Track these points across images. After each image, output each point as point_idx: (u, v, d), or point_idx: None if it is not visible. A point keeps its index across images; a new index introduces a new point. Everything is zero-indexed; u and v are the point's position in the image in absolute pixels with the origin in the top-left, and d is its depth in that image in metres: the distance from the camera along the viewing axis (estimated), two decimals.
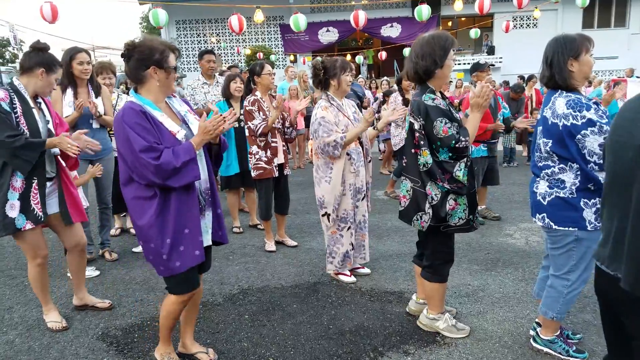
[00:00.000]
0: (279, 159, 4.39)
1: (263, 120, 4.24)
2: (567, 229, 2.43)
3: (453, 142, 2.53)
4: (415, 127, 2.64)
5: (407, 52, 3.01)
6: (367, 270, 3.87)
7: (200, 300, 3.38)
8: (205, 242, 2.43)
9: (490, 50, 20.32)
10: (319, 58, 3.74)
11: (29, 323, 3.19)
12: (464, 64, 18.06)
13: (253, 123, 4.23)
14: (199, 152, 2.33)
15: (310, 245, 4.62)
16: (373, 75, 20.35)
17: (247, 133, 4.41)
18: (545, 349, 2.66)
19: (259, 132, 4.23)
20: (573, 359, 2.59)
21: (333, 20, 21.02)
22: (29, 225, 2.88)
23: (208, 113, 4.21)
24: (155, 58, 2.26)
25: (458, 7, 12.85)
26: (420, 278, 2.94)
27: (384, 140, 8.19)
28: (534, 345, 2.71)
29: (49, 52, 3.00)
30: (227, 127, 2.29)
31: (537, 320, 2.76)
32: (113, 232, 4.93)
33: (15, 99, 2.84)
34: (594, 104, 2.30)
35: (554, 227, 2.46)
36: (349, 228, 3.64)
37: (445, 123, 2.54)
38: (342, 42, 22.79)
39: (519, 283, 3.63)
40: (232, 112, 2.36)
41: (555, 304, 2.55)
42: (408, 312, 3.17)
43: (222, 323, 3.14)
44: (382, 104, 8.12)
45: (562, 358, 2.60)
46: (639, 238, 1.37)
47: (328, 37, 21.43)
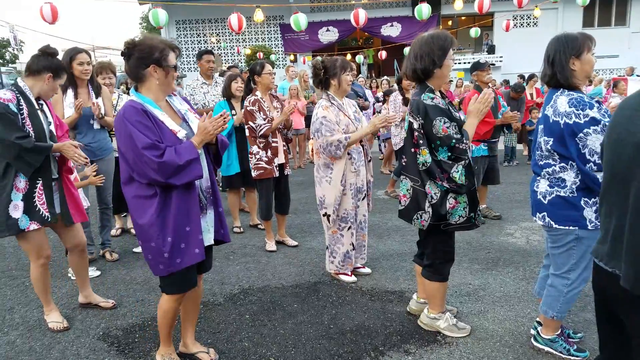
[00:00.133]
0: (280, 159, 4.38)
1: (265, 121, 4.24)
2: (567, 228, 2.43)
3: (453, 141, 2.53)
4: (415, 126, 2.64)
5: (407, 51, 3.01)
6: (367, 270, 3.87)
7: (201, 300, 3.38)
8: (207, 241, 2.43)
9: (491, 50, 20.31)
10: (319, 58, 3.73)
11: (30, 323, 3.19)
12: (464, 63, 18.07)
13: (256, 123, 4.23)
14: (200, 150, 2.33)
15: (311, 245, 4.62)
16: (373, 75, 20.33)
17: (247, 133, 4.41)
18: (546, 348, 2.66)
19: (261, 133, 4.22)
20: (574, 358, 2.59)
21: (333, 20, 21.03)
22: (34, 226, 2.88)
23: (208, 113, 4.21)
24: (155, 57, 2.26)
25: (458, 6, 12.85)
26: (421, 277, 2.94)
27: (385, 140, 8.19)
28: (535, 345, 2.71)
29: (57, 57, 3.01)
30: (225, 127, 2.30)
31: (538, 320, 2.76)
32: (114, 232, 4.93)
33: (22, 101, 2.85)
34: (596, 103, 2.30)
35: (555, 226, 2.46)
36: (350, 228, 3.64)
37: (445, 122, 2.54)
38: (342, 41, 22.79)
39: (520, 282, 3.63)
40: (226, 113, 2.36)
41: (556, 303, 2.55)
42: (409, 311, 3.17)
43: (223, 323, 3.14)
44: (383, 104, 8.12)
45: (563, 357, 2.60)
46: (637, 236, 1.37)
47: (328, 36, 21.43)
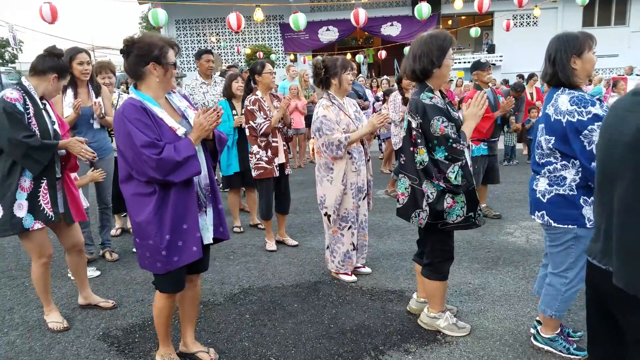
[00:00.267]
0: (280, 159, 4.38)
1: (265, 120, 4.24)
2: (566, 227, 2.43)
3: (450, 141, 2.54)
4: (413, 125, 2.65)
5: (407, 50, 3.01)
6: (367, 270, 3.87)
7: (201, 300, 3.39)
8: (206, 239, 2.42)
9: (491, 49, 20.31)
10: (320, 57, 3.72)
11: (30, 324, 3.20)
12: (464, 63, 18.08)
13: (256, 122, 4.23)
14: (198, 147, 2.33)
15: (311, 245, 4.62)
16: (373, 74, 20.33)
17: (247, 133, 4.41)
18: (546, 347, 2.66)
19: (262, 131, 4.22)
20: (574, 357, 2.59)
21: (333, 19, 21.02)
22: (38, 225, 2.89)
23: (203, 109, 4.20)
24: (155, 54, 2.26)
25: (458, 5, 12.85)
26: (421, 277, 2.94)
27: (384, 139, 8.18)
28: (535, 344, 2.72)
29: (62, 58, 3.03)
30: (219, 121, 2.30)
31: (537, 319, 2.76)
32: (113, 232, 4.93)
33: (27, 100, 2.86)
34: (598, 100, 2.30)
35: (553, 224, 2.46)
36: (350, 227, 3.64)
37: (443, 122, 2.55)
38: (342, 41, 22.77)
39: (520, 281, 3.63)
40: (219, 108, 2.35)
41: (554, 302, 2.55)
42: (409, 311, 3.17)
43: (223, 322, 3.14)
44: (382, 103, 8.11)
45: (562, 356, 2.60)
46: (627, 234, 1.38)
47: (328, 36, 21.42)
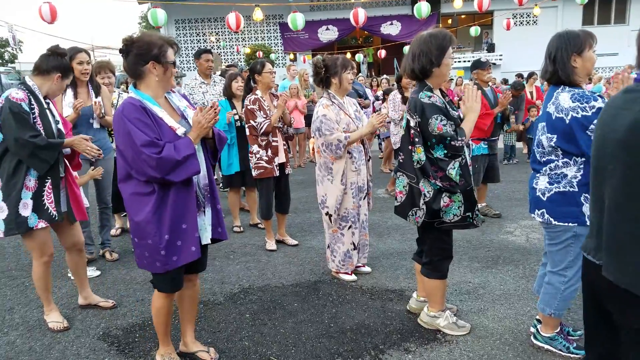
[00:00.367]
0: (280, 158, 4.38)
1: (265, 119, 4.24)
2: (566, 225, 2.43)
3: (448, 139, 2.54)
4: (411, 124, 2.65)
5: (407, 50, 3.02)
6: (367, 269, 3.87)
7: (201, 300, 3.39)
8: (205, 239, 2.42)
9: (490, 48, 20.31)
10: (320, 56, 3.71)
11: (30, 324, 3.20)
12: (464, 62, 18.08)
13: (256, 121, 4.23)
14: (197, 147, 2.33)
15: (311, 244, 4.62)
16: (373, 74, 20.33)
17: (247, 132, 4.40)
18: (546, 346, 2.66)
19: (262, 130, 4.22)
20: (574, 356, 2.59)
21: (332, 19, 21.00)
22: (42, 224, 2.90)
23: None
24: (154, 53, 2.25)
25: (458, 4, 12.84)
26: (421, 276, 2.94)
27: (385, 138, 8.18)
28: (535, 342, 2.72)
29: (66, 58, 3.04)
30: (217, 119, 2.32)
31: (537, 317, 2.76)
32: (113, 232, 4.93)
33: (32, 100, 2.87)
34: (599, 96, 2.31)
35: (554, 222, 2.46)
36: (350, 227, 3.64)
37: (441, 120, 2.55)
38: (341, 40, 22.77)
39: (520, 280, 3.63)
40: (216, 105, 2.36)
41: (553, 301, 2.55)
42: (409, 310, 3.18)
43: (223, 322, 3.14)
44: (382, 102, 8.11)
45: (562, 355, 2.60)
46: (617, 231, 1.40)
47: (328, 35, 21.42)
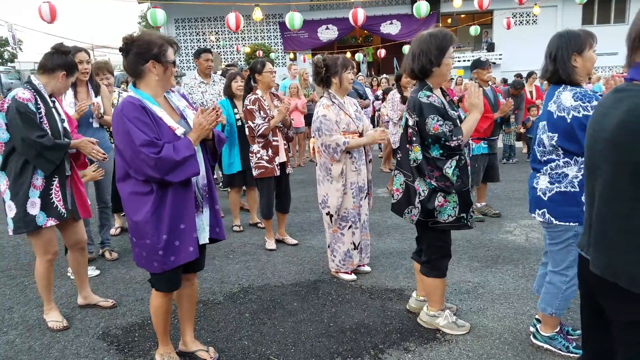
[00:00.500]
0: (281, 158, 4.37)
1: (264, 120, 4.23)
2: (567, 224, 2.43)
3: (442, 139, 2.54)
4: (410, 123, 2.66)
5: (406, 49, 3.02)
6: (367, 268, 3.87)
7: (201, 299, 3.39)
8: (202, 239, 2.42)
9: (490, 47, 20.32)
10: (320, 56, 3.71)
11: (30, 323, 3.19)
12: (464, 61, 18.08)
13: (255, 123, 4.22)
14: (197, 148, 2.33)
15: (311, 244, 4.62)
16: (373, 73, 20.33)
17: (247, 132, 4.40)
18: (546, 346, 2.66)
19: (260, 133, 4.21)
20: (573, 355, 2.59)
21: (332, 18, 21.01)
22: (51, 222, 2.92)
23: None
24: (154, 52, 2.25)
25: (457, 3, 12.84)
26: (420, 275, 2.94)
27: None
28: (534, 342, 2.72)
29: (70, 55, 3.05)
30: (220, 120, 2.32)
31: (537, 317, 2.76)
32: (113, 231, 4.93)
33: (39, 99, 2.87)
34: (600, 96, 2.31)
35: (555, 222, 2.46)
36: (350, 227, 3.64)
37: (437, 120, 2.55)
38: (341, 39, 22.78)
39: (519, 280, 3.63)
40: (217, 107, 2.35)
41: (554, 300, 2.55)
42: (408, 309, 3.18)
43: (222, 321, 3.14)
44: (382, 102, 8.11)
45: (562, 354, 2.60)
46: (604, 224, 1.43)
47: (327, 34, 21.43)
